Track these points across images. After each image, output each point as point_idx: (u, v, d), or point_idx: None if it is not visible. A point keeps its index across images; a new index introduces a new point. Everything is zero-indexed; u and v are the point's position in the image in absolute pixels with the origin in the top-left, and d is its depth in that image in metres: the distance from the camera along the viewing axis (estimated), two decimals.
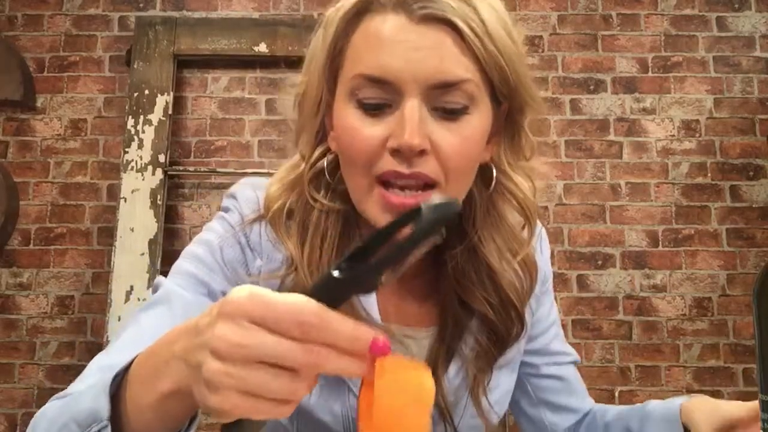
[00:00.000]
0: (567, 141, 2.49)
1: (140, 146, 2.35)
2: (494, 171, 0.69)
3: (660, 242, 2.44)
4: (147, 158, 2.35)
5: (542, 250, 0.84)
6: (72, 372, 2.31)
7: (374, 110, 0.62)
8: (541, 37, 2.56)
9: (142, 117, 2.38)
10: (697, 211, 2.46)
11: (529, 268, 0.74)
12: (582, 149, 2.49)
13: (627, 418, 0.81)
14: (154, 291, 0.70)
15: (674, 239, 2.44)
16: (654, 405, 0.79)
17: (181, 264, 0.71)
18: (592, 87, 2.53)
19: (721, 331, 2.38)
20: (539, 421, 0.87)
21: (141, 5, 2.57)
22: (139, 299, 2.22)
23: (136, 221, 2.29)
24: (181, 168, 2.44)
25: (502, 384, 0.78)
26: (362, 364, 0.40)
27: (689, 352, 2.37)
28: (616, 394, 2.35)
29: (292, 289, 0.68)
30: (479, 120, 0.64)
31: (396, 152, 0.61)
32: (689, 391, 2.34)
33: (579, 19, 2.57)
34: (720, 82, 2.53)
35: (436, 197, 0.42)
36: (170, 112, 2.40)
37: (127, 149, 2.36)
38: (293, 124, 0.73)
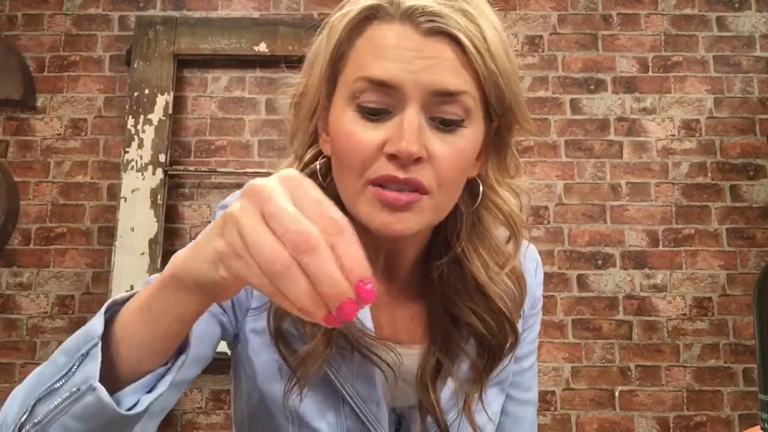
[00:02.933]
0: (567, 141, 2.49)
1: (140, 146, 2.36)
2: (480, 186, 0.70)
3: (660, 242, 2.44)
4: (147, 158, 2.35)
5: (536, 274, 0.84)
6: None
7: (373, 115, 0.63)
8: (541, 36, 2.56)
9: (142, 117, 2.38)
10: (697, 210, 2.46)
11: (518, 279, 0.74)
12: (582, 149, 2.49)
13: None
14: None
15: (674, 239, 2.44)
16: None
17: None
18: (592, 87, 2.53)
19: (721, 331, 2.38)
20: None
21: (141, 5, 2.57)
22: None
23: (137, 221, 2.29)
24: (181, 168, 2.44)
25: (492, 403, 0.77)
26: (322, 312, 0.40)
27: (689, 352, 2.37)
28: (616, 394, 2.35)
29: None
30: (473, 134, 0.65)
31: (393, 158, 0.62)
32: (689, 391, 2.35)
33: (579, 19, 2.57)
34: (720, 81, 2.53)
35: None
36: (170, 111, 2.40)
37: (127, 149, 2.36)
38: (289, 124, 0.74)
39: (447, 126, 0.63)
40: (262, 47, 2.45)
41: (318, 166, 0.70)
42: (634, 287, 2.41)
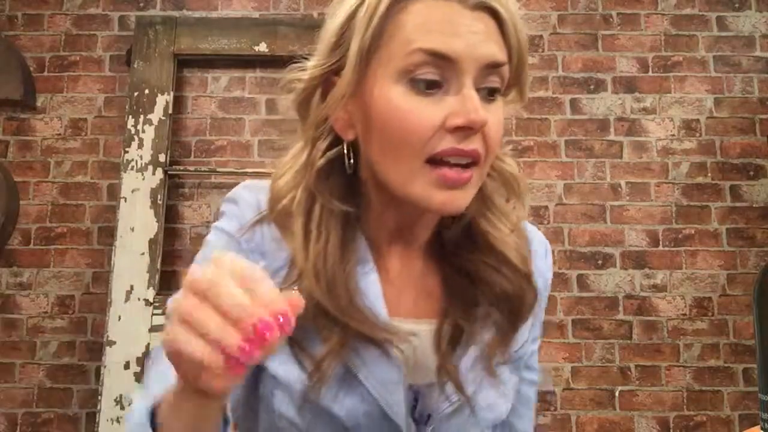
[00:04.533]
0: (567, 141, 2.49)
1: (140, 146, 2.36)
2: None
3: (660, 242, 2.44)
4: (147, 158, 2.35)
5: (546, 257, 0.84)
6: (72, 371, 2.31)
7: (428, 89, 0.64)
8: (541, 36, 2.56)
9: (142, 116, 2.38)
10: (697, 210, 2.46)
11: (524, 241, 0.76)
12: (582, 149, 2.49)
13: None
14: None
15: (674, 239, 2.44)
16: None
17: None
18: (592, 87, 2.53)
19: (721, 331, 2.38)
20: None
21: (141, 5, 2.57)
22: (139, 299, 2.22)
23: (137, 221, 2.29)
24: (181, 167, 2.44)
25: (507, 382, 0.77)
26: (238, 336, 0.45)
27: (689, 352, 2.37)
28: (616, 394, 2.35)
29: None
30: (503, 103, 0.69)
31: (456, 130, 0.63)
32: (689, 391, 2.35)
33: (579, 19, 2.57)
34: (720, 81, 2.53)
35: None
36: (170, 111, 2.40)
37: (127, 149, 2.36)
38: (308, 113, 0.71)
39: (491, 96, 0.66)
40: (262, 47, 2.45)
41: (345, 152, 0.70)
42: (634, 287, 2.41)
